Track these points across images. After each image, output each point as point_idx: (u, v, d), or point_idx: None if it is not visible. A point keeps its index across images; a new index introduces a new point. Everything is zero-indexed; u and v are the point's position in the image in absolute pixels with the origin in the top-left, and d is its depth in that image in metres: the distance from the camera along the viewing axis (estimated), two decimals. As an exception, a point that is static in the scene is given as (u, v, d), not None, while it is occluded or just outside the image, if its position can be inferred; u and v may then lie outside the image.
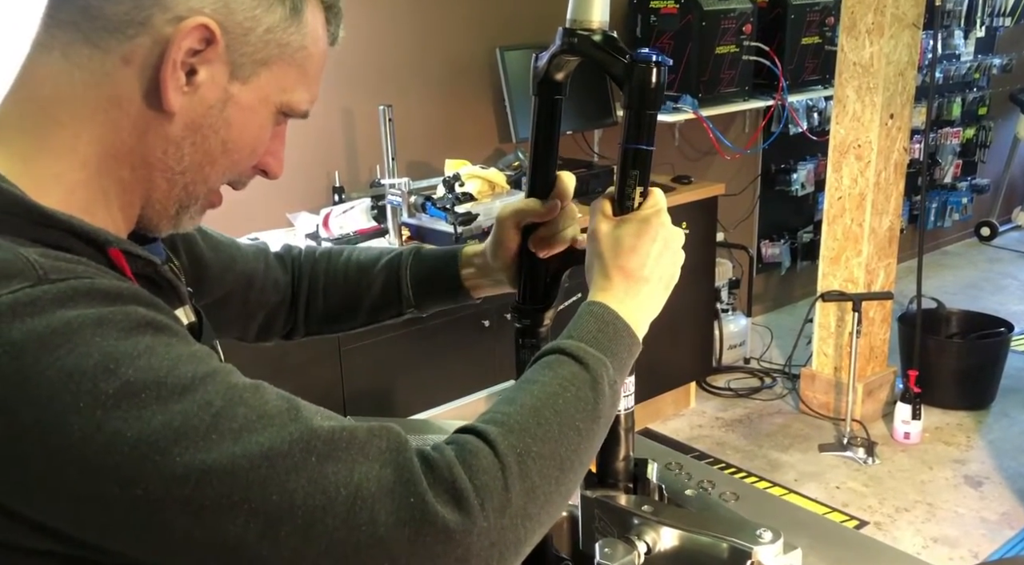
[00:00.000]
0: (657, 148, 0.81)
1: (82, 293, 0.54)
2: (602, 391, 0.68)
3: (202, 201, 0.70)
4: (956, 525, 2.77)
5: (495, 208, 2.63)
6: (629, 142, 0.78)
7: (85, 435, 0.51)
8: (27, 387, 0.50)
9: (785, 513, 1.30)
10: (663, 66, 0.74)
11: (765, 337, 4.02)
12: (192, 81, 0.63)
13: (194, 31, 0.61)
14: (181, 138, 0.65)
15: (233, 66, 0.65)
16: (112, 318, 0.54)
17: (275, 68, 0.67)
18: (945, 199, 5.15)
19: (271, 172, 0.73)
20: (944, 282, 4.86)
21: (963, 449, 3.21)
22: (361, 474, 0.55)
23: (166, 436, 0.51)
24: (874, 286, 3.32)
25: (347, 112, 2.85)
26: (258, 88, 0.66)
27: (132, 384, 0.52)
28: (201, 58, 0.63)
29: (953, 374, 3.47)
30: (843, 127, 3.20)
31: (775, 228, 4.32)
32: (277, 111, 0.69)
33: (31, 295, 0.52)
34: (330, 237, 2.55)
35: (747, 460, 3.15)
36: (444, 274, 0.98)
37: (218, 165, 0.68)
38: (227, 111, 0.66)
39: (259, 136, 0.69)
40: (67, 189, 0.63)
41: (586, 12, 0.78)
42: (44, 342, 0.51)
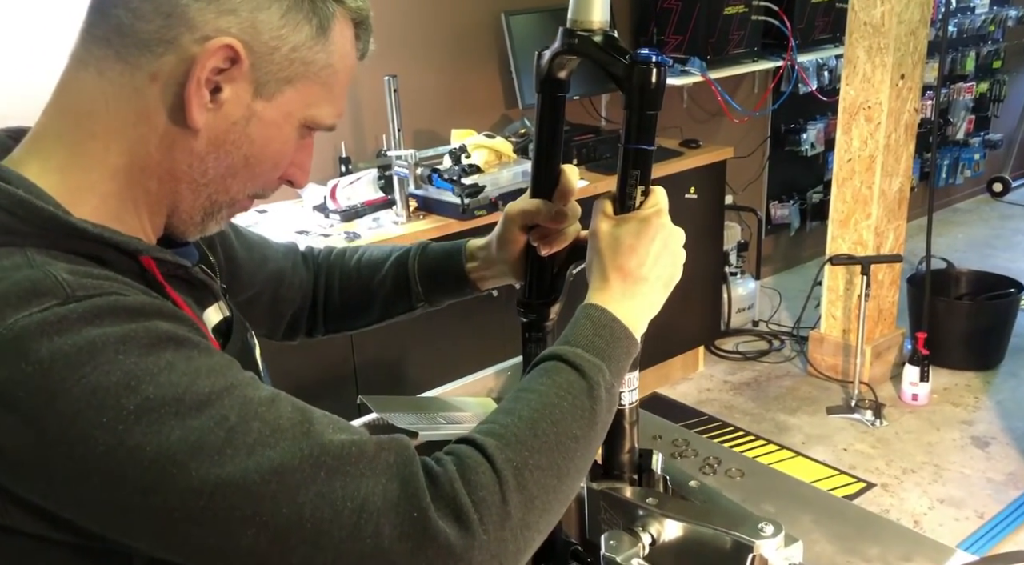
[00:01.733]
0: (665, 111, 0.80)
1: (107, 310, 0.56)
2: (599, 397, 0.69)
3: (227, 210, 0.72)
4: (962, 486, 2.80)
5: (502, 178, 2.62)
6: (630, 142, 0.77)
7: (108, 448, 0.53)
8: (55, 402, 0.53)
9: (790, 490, 1.32)
10: (663, 67, 0.74)
11: (774, 299, 4.02)
12: (216, 98, 0.65)
13: (220, 51, 0.63)
14: (205, 153, 0.67)
15: (257, 84, 0.66)
16: (134, 335, 0.56)
17: (300, 86, 0.68)
18: (957, 155, 5.10)
19: (296, 183, 0.75)
20: (955, 240, 4.83)
21: (971, 410, 3.23)
22: (368, 489, 0.57)
23: (183, 450, 0.54)
24: (883, 249, 3.31)
25: (352, 82, 2.82)
26: (282, 105, 0.68)
27: (152, 400, 0.54)
28: (226, 76, 0.65)
29: (962, 335, 3.48)
30: (853, 88, 3.16)
31: (784, 189, 4.30)
32: (301, 126, 0.70)
33: (59, 314, 0.55)
34: (337, 209, 2.55)
35: (755, 423, 3.18)
36: (450, 268, 1.00)
37: (240, 178, 0.69)
38: (250, 128, 0.67)
39: (282, 151, 0.70)
40: (100, 198, 0.65)
41: (586, 12, 0.78)
42: (70, 360, 0.54)
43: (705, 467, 1.39)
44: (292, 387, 2.22)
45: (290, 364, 2.31)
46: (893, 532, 1.21)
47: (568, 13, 0.79)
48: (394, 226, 2.50)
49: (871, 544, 1.18)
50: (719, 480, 1.35)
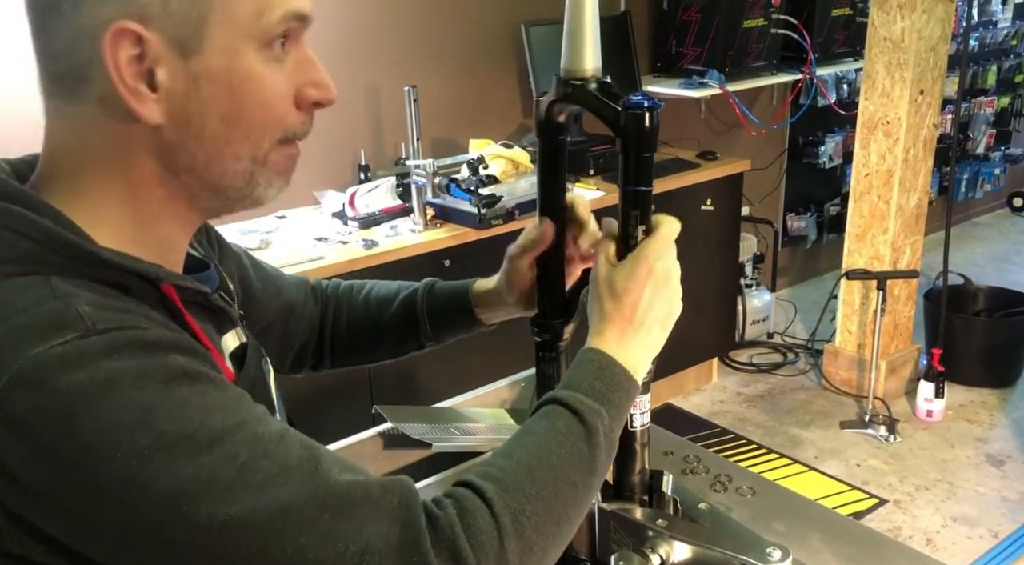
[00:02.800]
0: (683, 123, 0.81)
1: (125, 344, 0.57)
2: (597, 443, 0.69)
3: (263, 171, 0.66)
4: (976, 504, 2.79)
5: (519, 188, 2.64)
6: (628, 185, 0.79)
7: (121, 482, 0.54)
8: (72, 435, 0.54)
9: (801, 509, 1.33)
10: (655, 110, 0.76)
11: (789, 311, 4.02)
12: (156, 84, 0.61)
13: (118, 40, 0.59)
14: (182, 139, 0.63)
15: (179, 45, 0.61)
16: (151, 370, 0.57)
17: (218, 15, 0.61)
18: (977, 170, 5.07)
19: (321, 100, 0.67)
20: (973, 255, 4.80)
21: (986, 427, 3.21)
22: (371, 532, 0.58)
23: (194, 488, 0.55)
24: (900, 264, 3.30)
25: (372, 89, 2.86)
26: (216, 46, 0.62)
27: (165, 436, 0.55)
28: (148, 59, 0.61)
29: (978, 351, 3.46)
30: (872, 103, 3.16)
31: (801, 201, 4.29)
32: (260, 48, 0.63)
33: (79, 347, 0.55)
34: (356, 216, 2.58)
35: (768, 436, 3.18)
36: (458, 309, 1.01)
37: (237, 139, 0.64)
38: (204, 90, 0.62)
39: (257, 88, 0.63)
40: (115, 227, 0.65)
41: (578, 62, 0.80)
42: (88, 393, 0.54)
43: (716, 484, 1.40)
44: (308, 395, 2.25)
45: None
46: (904, 554, 1.22)
47: (561, 62, 0.81)
48: (411, 234, 2.52)
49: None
50: (730, 497, 1.36)
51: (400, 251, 2.43)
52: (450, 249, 2.51)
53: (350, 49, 2.78)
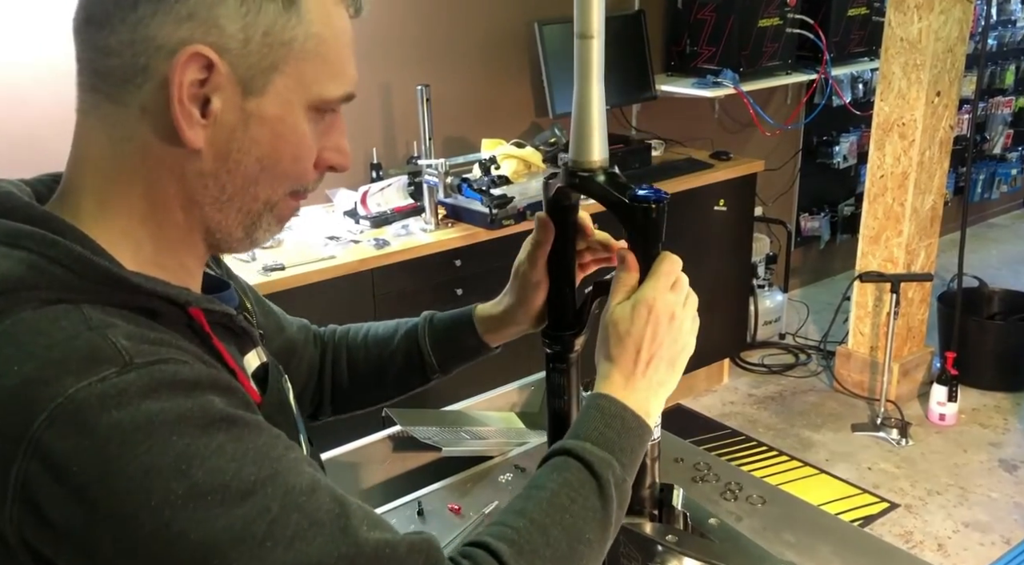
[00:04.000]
0: (697, 122, 0.81)
1: (164, 383, 0.56)
2: (609, 496, 0.69)
3: (268, 216, 0.68)
4: (989, 510, 2.77)
5: (530, 188, 2.63)
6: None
7: (154, 530, 0.54)
8: (107, 479, 0.54)
9: (811, 519, 1.32)
10: (661, 203, 0.77)
11: (801, 312, 3.99)
12: (208, 112, 0.62)
13: (190, 62, 0.60)
14: (216, 170, 0.64)
15: (243, 83, 0.63)
16: (190, 414, 0.56)
17: (288, 69, 0.64)
18: (993, 170, 5.02)
19: (337, 166, 0.70)
20: (988, 257, 4.76)
21: (999, 432, 3.19)
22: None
23: (227, 540, 0.55)
24: (914, 266, 3.27)
25: (384, 88, 2.85)
26: (277, 95, 0.64)
27: (200, 486, 0.55)
28: (209, 86, 0.62)
29: (993, 355, 3.43)
30: (887, 104, 3.13)
31: (815, 201, 4.26)
32: (309, 109, 0.66)
33: (118, 386, 0.55)
34: (368, 215, 2.58)
35: (778, 438, 3.17)
36: (463, 337, 1.00)
37: (263, 183, 0.66)
38: (252, 130, 0.64)
39: (297, 142, 0.66)
40: (135, 245, 0.65)
41: (587, 154, 0.81)
42: (127, 437, 0.54)
43: (726, 492, 1.39)
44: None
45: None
46: (916, 568, 1.21)
47: (568, 152, 0.82)
48: (423, 234, 2.52)
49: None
50: (740, 506, 1.35)
51: (411, 251, 2.43)
52: (461, 249, 2.51)
53: (363, 47, 2.76)
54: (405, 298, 2.45)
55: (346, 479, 1.46)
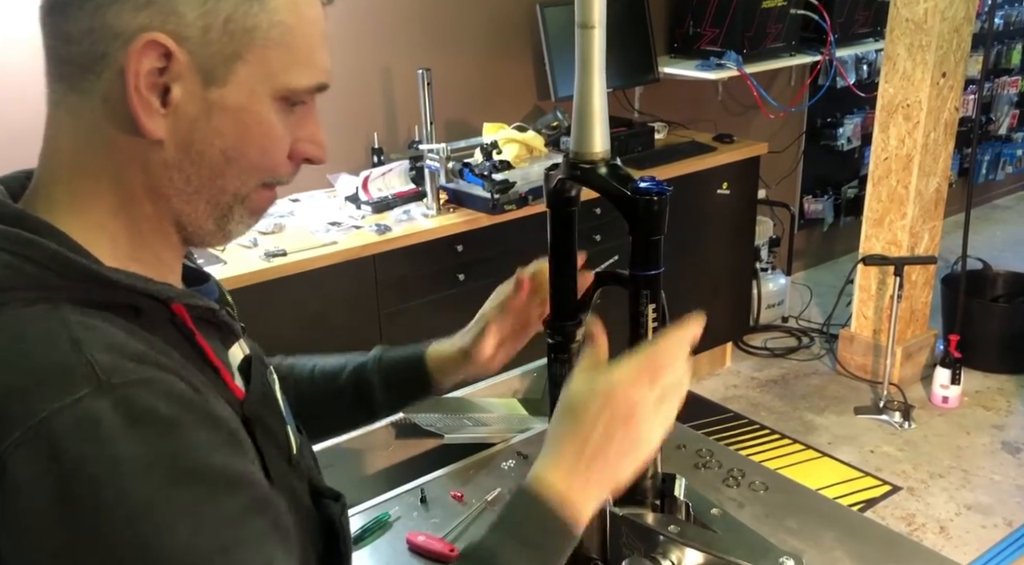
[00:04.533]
0: (700, 105, 0.81)
1: (142, 419, 0.54)
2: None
3: (240, 208, 0.66)
4: (991, 492, 2.77)
5: (532, 173, 2.62)
6: (637, 269, 0.79)
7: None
8: (63, 515, 0.52)
9: (814, 505, 1.32)
10: (664, 195, 0.77)
11: (804, 295, 3.99)
12: (168, 101, 0.61)
13: (146, 50, 0.59)
14: (179, 161, 0.63)
15: (204, 72, 0.61)
16: (160, 462, 0.54)
17: (251, 57, 0.62)
18: (999, 151, 4.99)
19: (313, 158, 0.69)
20: (993, 238, 4.74)
21: (1003, 414, 3.19)
22: None
23: None
24: (918, 249, 3.26)
25: (385, 71, 2.83)
26: (240, 85, 0.62)
27: (149, 545, 0.53)
28: (169, 75, 0.60)
29: (996, 337, 3.42)
30: (892, 86, 3.10)
31: (819, 183, 4.24)
32: (276, 99, 0.64)
33: (92, 415, 0.53)
34: (370, 200, 2.57)
35: (781, 422, 3.17)
36: (413, 377, 0.99)
37: (230, 175, 0.64)
38: (214, 120, 0.62)
39: (263, 133, 0.64)
40: (111, 239, 0.63)
41: (588, 145, 0.80)
42: (91, 476, 0.52)
43: (729, 479, 1.39)
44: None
45: (319, 350, 2.34)
46: (918, 554, 1.21)
47: (570, 144, 0.81)
48: (424, 219, 2.51)
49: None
50: (742, 493, 1.35)
51: (413, 236, 2.42)
52: (463, 234, 2.50)
53: (363, 31, 2.76)
54: (407, 284, 2.45)
55: (349, 466, 1.47)
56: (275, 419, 0.70)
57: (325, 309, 2.32)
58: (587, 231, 2.73)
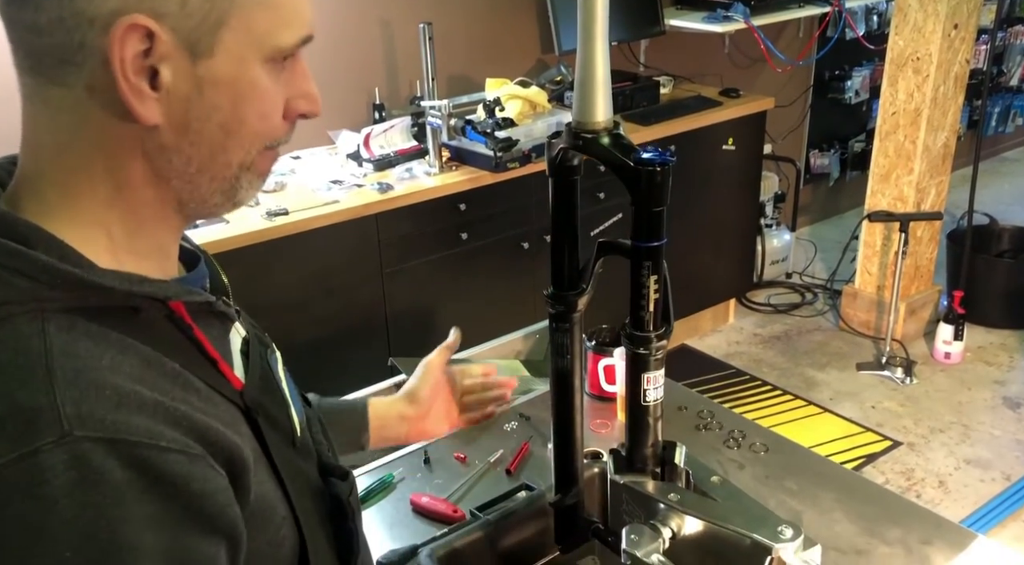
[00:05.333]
0: (706, 58, 0.81)
1: (89, 485, 0.52)
2: None
3: (247, 175, 0.64)
4: (990, 447, 2.79)
5: (536, 129, 2.59)
6: (640, 240, 0.79)
7: None
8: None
9: (813, 467, 1.33)
10: (667, 166, 0.76)
11: (809, 251, 3.97)
12: (158, 83, 0.58)
13: (127, 35, 0.56)
14: (178, 143, 0.60)
15: (190, 47, 0.58)
16: (96, 537, 0.51)
17: (234, 23, 0.59)
18: (1009, 102, 4.92)
19: (308, 113, 0.66)
20: (1000, 192, 4.71)
21: (1004, 370, 3.20)
22: None
23: None
24: (924, 205, 3.24)
25: (385, 25, 2.79)
26: (228, 53, 0.59)
27: None
28: (154, 56, 0.57)
29: (1001, 293, 3.42)
30: (902, 38, 3.05)
31: (825, 137, 4.20)
32: (266, 61, 0.61)
33: (41, 471, 0.51)
34: (371, 158, 2.55)
35: (783, 378, 3.18)
36: (346, 426, 1.00)
37: (231, 148, 0.62)
38: (208, 96, 0.60)
39: (259, 99, 0.62)
40: (107, 233, 0.61)
41: (590, 114, 0.79)
42: (17, 535, 0.50)
43: (729, 440, 1.40)
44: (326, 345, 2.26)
45: (324, 313, 2.35)
46: (915, 514, 1.22)
47: (571, 113, 0.81)
48: (427, 177, 2.49)
49: (892, 526, 1.19)
50: (743, 454, 1.37)
51: (415, 195, 2.41)
52: (466, 192, 2.49)
53: (363, -17, 2.71)
54: (410, 243, 2.44)
55: (353, 428, 1.48)
56: (276, 403, 0.70)
57: (327, 268, 2.32)
58: (591, 189, 2.73)
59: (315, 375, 1.38)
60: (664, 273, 0.80)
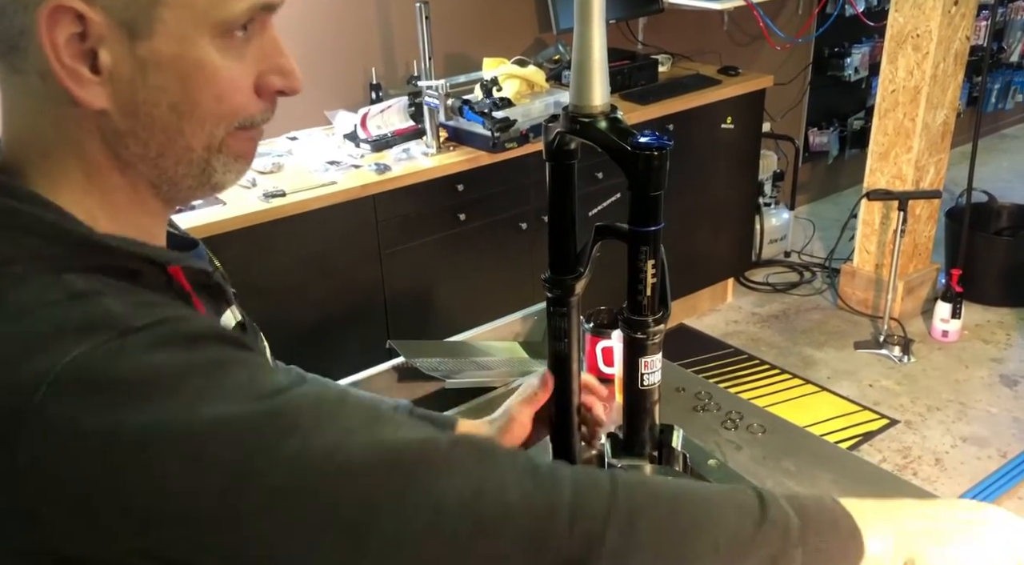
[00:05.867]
0: (705, 36, 0.81)
1: (168, 338, 0.53)
2: (766, 538, 0.61)
3: (219, 157, 0.62)
4: (987, 424, 2.81)
5: (533, 109, 2.58)
6: (637, 224, 0.79)
7: (183, 461, 0.51)
8: (119, 430, 0.51)
9: (811, 448, 1.34)
10: (664, 150, 0.76)
11: (807, 230, 3.97)
12: (98, 65, 0.56)
13: (54, 17, 0.54)
14: (131, 127, 0.59)
15: (126, 27, 0.56)
16: (196, 362, 0.53)
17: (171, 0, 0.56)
18: (1009, 79, 4.89)
19: (286, 90, 0.62)
20: (999, 169, 4.70)
21: (1002, 347, 3.21)
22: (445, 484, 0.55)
23: (255, 462, 0.52)
24: (923, 183, 3.23)
25: (382, 4, 2.76)
26: (168, 33, 0.56)
27: (218, 419, 0.52)
28: (91, 39, 0.55)
29: (999, 270, 3.42)
30: (902, 15, 3.02)
31: (824, 115, 4.18)
32: (214, 37, 0.58)
33: (121, 345, 0.52)
34: (368, 138, 2.54)
35: (781, 357, 3.19)
36: None
37: (189, 129, 0.59)
38: (151, 78, 0.57)
39: (209, 78, 0.58)
40: (88, 215, 0.60)
41: (587, 98, 0.79)
42: (133, 389, 0.51)
43: (727, 422, 1.41)
44: (323, 327, 2.27)
45: (321, 294, 2.35)
46: (912, 494, 1.23)
47: (569, 97, 0.80)
48: (424, 157, 2.48)
49: (888, 506, 1.20)
50: (740, 435, 1.37)
51: (413, 175, 2.40)
52: (463, 173, 2.48)
53: (358, -39, 2.68)
54: (408, 224, 2.44)
55: (352, 410, 1.48)
56: None
57: (325, 250, 2.32)
58: (589, 169, 2.72)
59: (313, 357, 1.38)
60: (662, 257, 0.80)
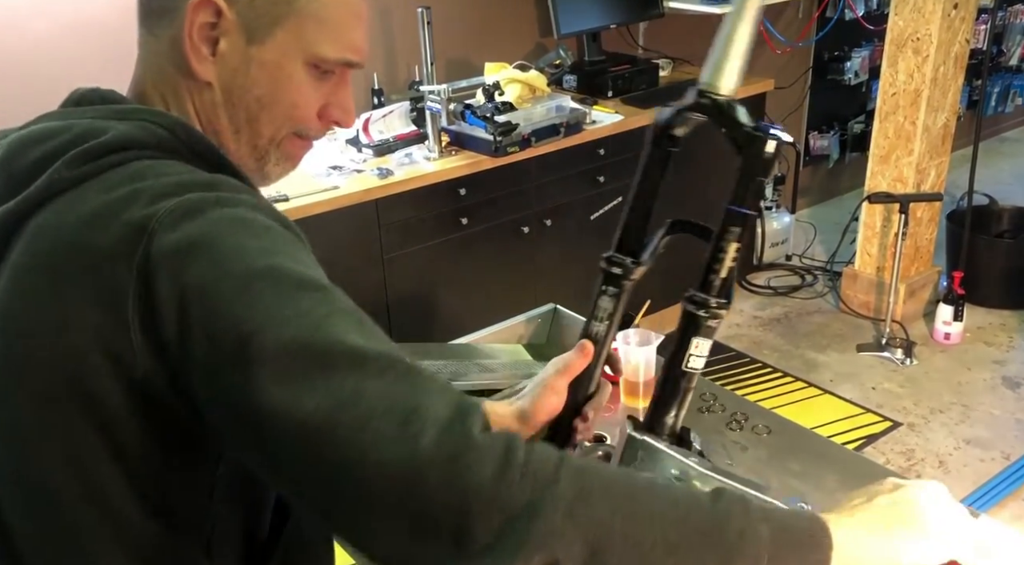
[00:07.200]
0: (705, 40, 0.86)
1: (264, 207, 0.69)
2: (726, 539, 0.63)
3: (276, 152, 0.79)
4: (990, 426, 2.81)
5: (535, 114, 2.58)
6: (735, 204, 0.82)
7: (245, 278, 0.63)
8: (213, 247, 0.63)
9: (816, 448, 1.34)
10: (784, 144, 0.81)
11: (809, 233, 3.97)
12: (216, 50, 0.74)
13: (200, 8, 0.72)
14: (223, 102, 0.76)
15: (248, 31, 0.74)
16: (275, 227, 0.67)
17: (288, 26, 0.74)
18: (1009, 82, 4.90)
19: (340, 122, 0.80)
20: (1000, 172, 4.70)
21: (1004, 350, 3.21)
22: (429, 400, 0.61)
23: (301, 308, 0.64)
24: (924, 186, 3.23)
25: (384, 10, 2.77)
26: (276, 47, 0.74)
27: (278, 268, 0.64)
28: (219, 30, 0.73)
29: (1000, 273, 3.42)
30: (902, 18, 3.03)
31: (825, 119, 4.18)
32: (307, 64, 0.75)
33: (227, 197, 0.67)
34: (370, 143, 2.54)
35: (783, 360, 3.19)
36: None
37: (263, 120, 0.76)
38: (252, 72, 0.75)
39: (292, 89, 0.76)
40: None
41: (720, 79, 0.84)
42: (225, 226, 0.65)
43: (732, 423, 1.41)
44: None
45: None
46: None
47: (702, 74, 0.85)
48: (426, 162, 2.49)
49: (894, 505, 1.20)
50: (746, 436, 1.37)
51: (415, 180, 2.40)
52: (466, 177, 2.48)
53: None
54: (410, 228, 2.44)
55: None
56: None
57: (328, 254, 2.29)
58: (591, 173, 2.73)
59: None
60: (744, 245, 0.83)
